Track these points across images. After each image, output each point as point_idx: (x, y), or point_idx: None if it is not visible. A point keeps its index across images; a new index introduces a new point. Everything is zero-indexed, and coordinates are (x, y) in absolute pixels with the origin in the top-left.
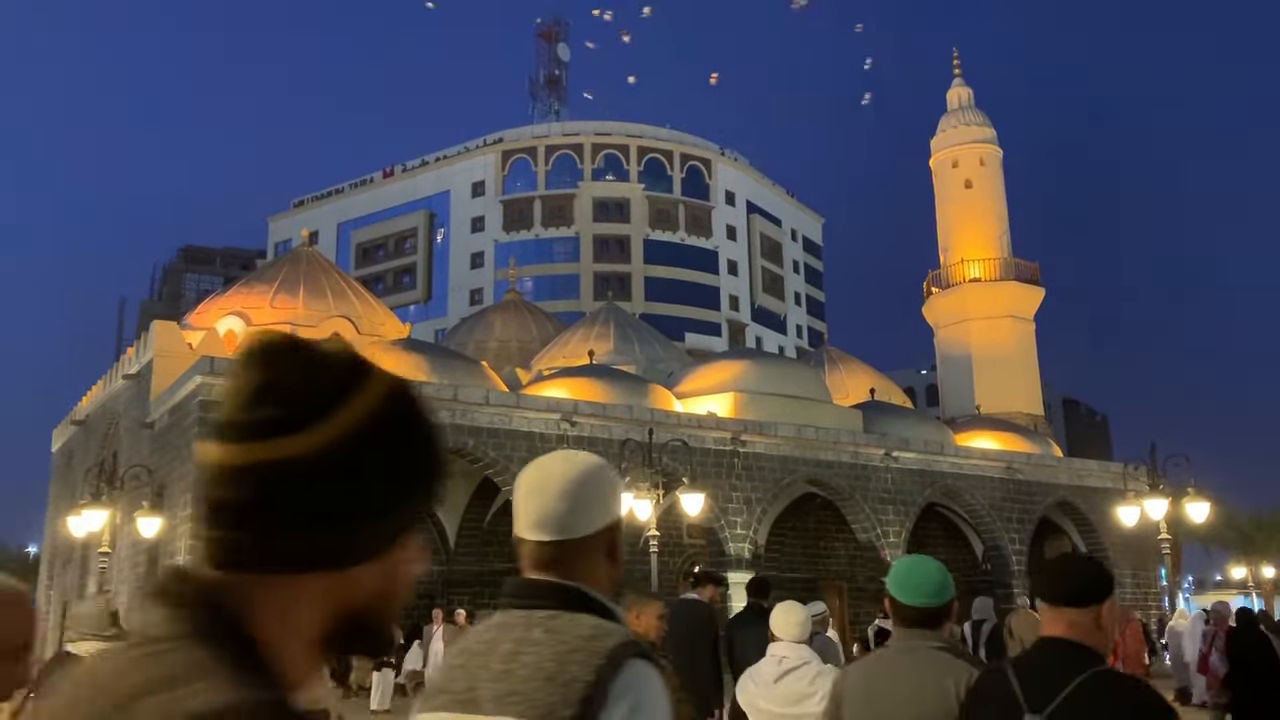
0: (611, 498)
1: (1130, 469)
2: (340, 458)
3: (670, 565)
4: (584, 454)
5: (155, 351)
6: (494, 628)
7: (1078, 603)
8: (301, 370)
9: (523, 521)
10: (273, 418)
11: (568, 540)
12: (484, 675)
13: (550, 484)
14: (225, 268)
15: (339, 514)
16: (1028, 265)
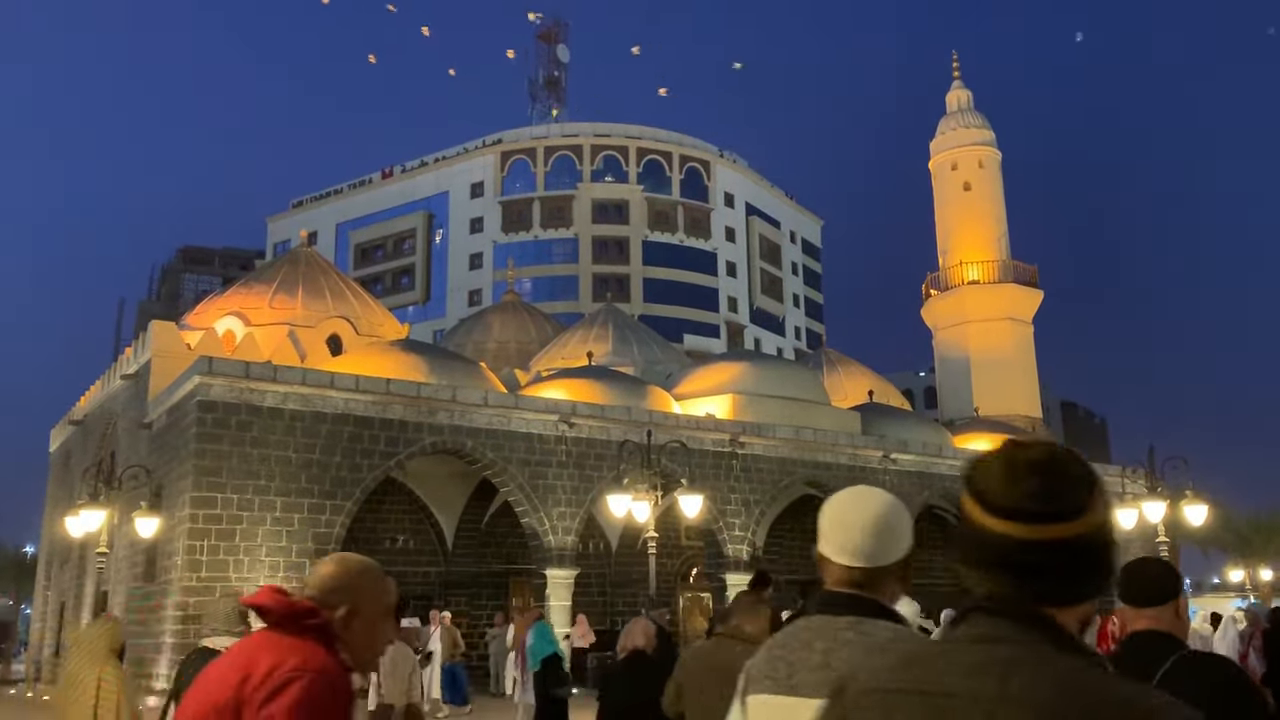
0: (906, 534)
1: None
2: (1093, 537)
3: (668, 567)
4: (884, 494)
5: (154, 352)
6: (808, 629)
7: (1158, 601)
8: (1069, 477)
9: (832, 547)
10: (1058, 510)
11: (872, 568)
12: (803, 665)
13: (860, 520)
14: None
15: (1088, 571)
16: (1026, 268)
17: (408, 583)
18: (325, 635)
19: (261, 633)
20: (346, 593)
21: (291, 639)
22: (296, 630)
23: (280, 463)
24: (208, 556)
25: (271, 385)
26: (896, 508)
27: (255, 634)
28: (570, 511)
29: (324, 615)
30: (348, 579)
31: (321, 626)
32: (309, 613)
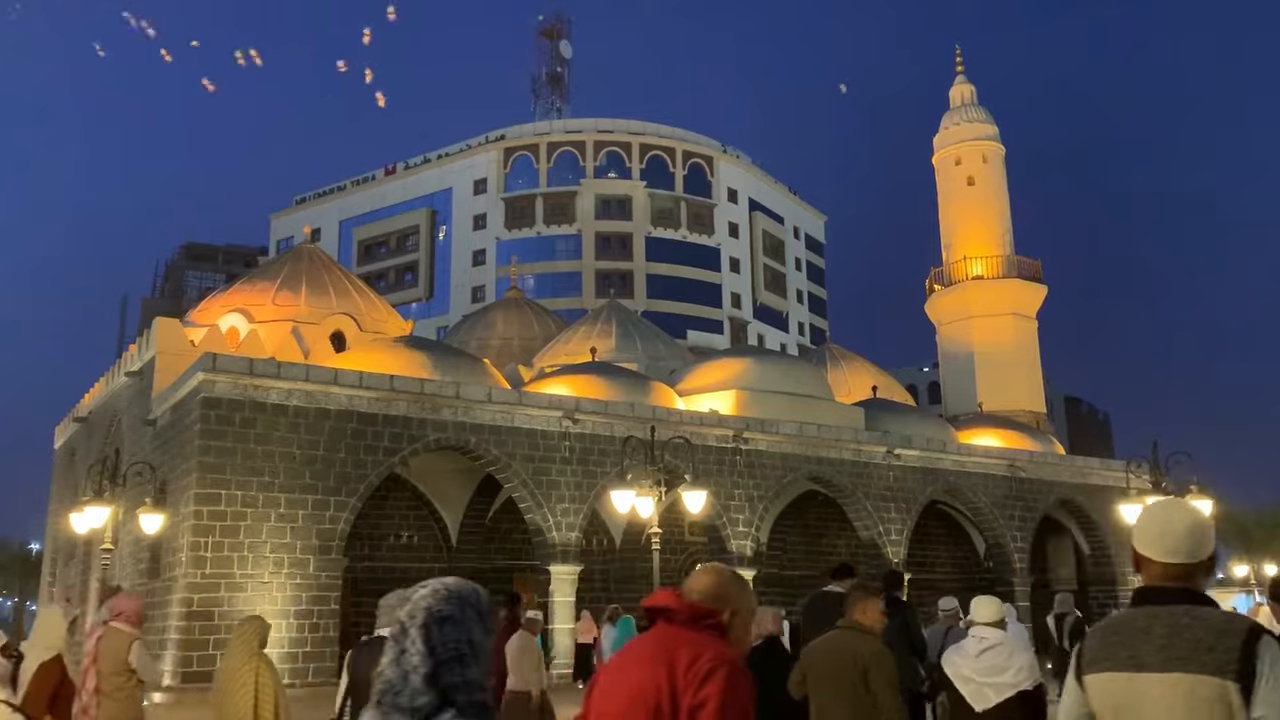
0: (1211, 535)
1: (1132, 466)
2: None
3: (672, 563)
4: (1193, 505)
5: (157, 349)
6: (1143, 615)
7: None
8: None
9: (1156, 548)
10: None
11: (1191, 563)
12: (1146, 646)
13: (1181, 524)
14: (227, 265)
15: None
16: (1030, 263)
17: (411, 579)
18: (720, 631)
19: (664, 629)
20: (727, 598)
21: (695, 634)
22: (697, 628)
23: (284, 459)
24: (212, 553)
25: (275, 382)
26: (1203, 514)
27: (656, 630)
28: (574, 507)
29: (719, 616)
30: (727, 587)
31: (717, 625)
32: (709, 614)
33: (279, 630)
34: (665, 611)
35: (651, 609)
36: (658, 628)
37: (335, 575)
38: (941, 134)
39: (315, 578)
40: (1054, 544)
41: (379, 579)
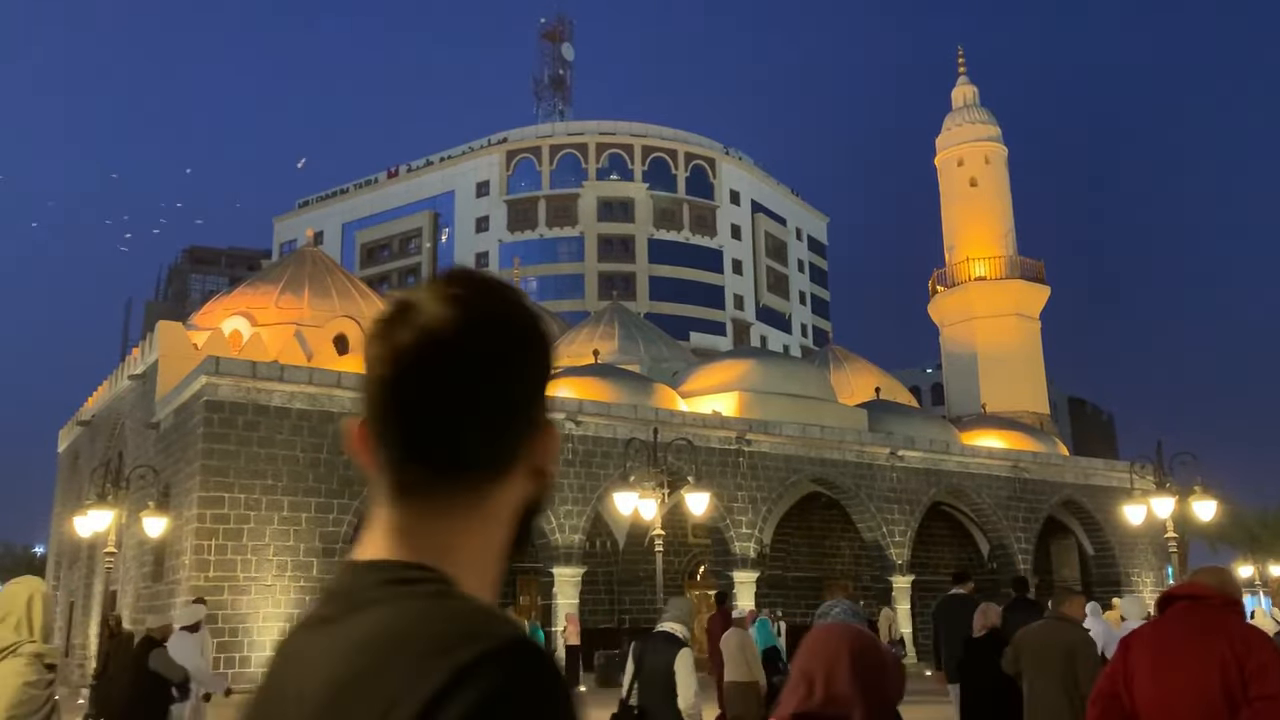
0: None
1: (1137, 467)
2: None
3: (675, 565)
4: None
5: (161, 352)
6: None
7: None
8: None
9: None
10: None
11: None
12: None
13: None
14: (230, 268)
15: None
16: (1033, 263)
17: None
18: (1239, 613)
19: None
20: (1235, 589)
21: (1226, 615)
22: (1226, 611)
23: (287, 462)
24: (215, 556)
25: (278, 385)
26: None
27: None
28: (577, 510)
29: (1239, 602)
30: (1233, 581)
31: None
32: (1234, 601)
33: (281, 633)
34: (1193, 598)
35: (1177, 596)
36: (1187, 611)
37: None
38: (944, 135)
39: (319, 580)
40: (1058, 545)
41: None
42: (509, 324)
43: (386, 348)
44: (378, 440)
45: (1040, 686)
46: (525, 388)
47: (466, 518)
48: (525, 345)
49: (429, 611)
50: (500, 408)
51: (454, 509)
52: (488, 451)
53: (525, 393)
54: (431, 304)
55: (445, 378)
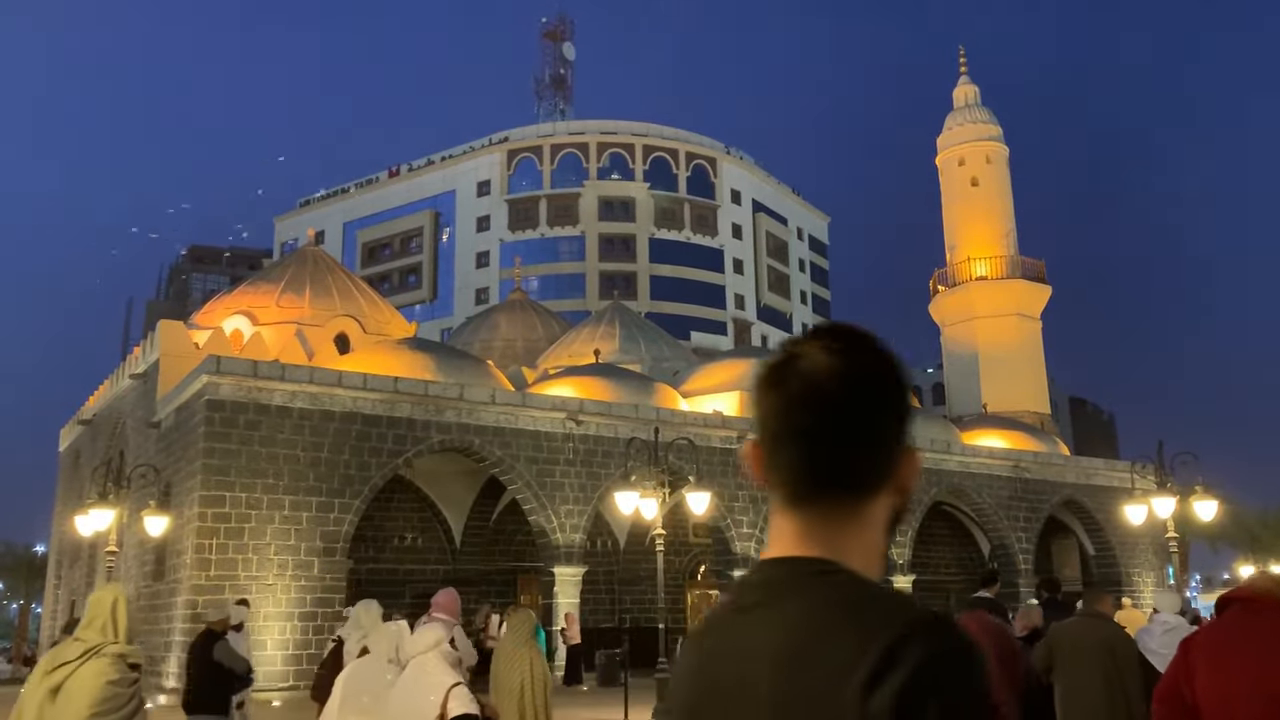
0: None
1: (1137, 467)
2: None
3: (676, 564)
4: None
5: (162, 351)
6: None
7: None
8: None
9: None
10: None
11: None
12: None
13: None
14: (232, 267)
15: None
16: (1034, 263)
17: (415, 581)
18: None
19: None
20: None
21: None
22: None
23: (288, 461)
24: (216, 555)
25: (279, 384)
26: None
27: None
28: (578, 509)
29: None
30: None
31: None
32: None
33: (282, 632)
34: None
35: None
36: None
37: (340, 577)
38: (945, 134)
39: (320, 580)
40: (1059, 545)
41: (383, 581)
42: (882, 371)
43: (784, 394)
44: (776, 464)
45: (1078, 682)
46: (894, 422)
47: (853, 524)
48: (894, 388)
49: (855, 593)
50: (877, 440)
51: (843, 518)
52: (869, 475)
53: (894, 426)
54: (820, 356)
55: (837, 418)
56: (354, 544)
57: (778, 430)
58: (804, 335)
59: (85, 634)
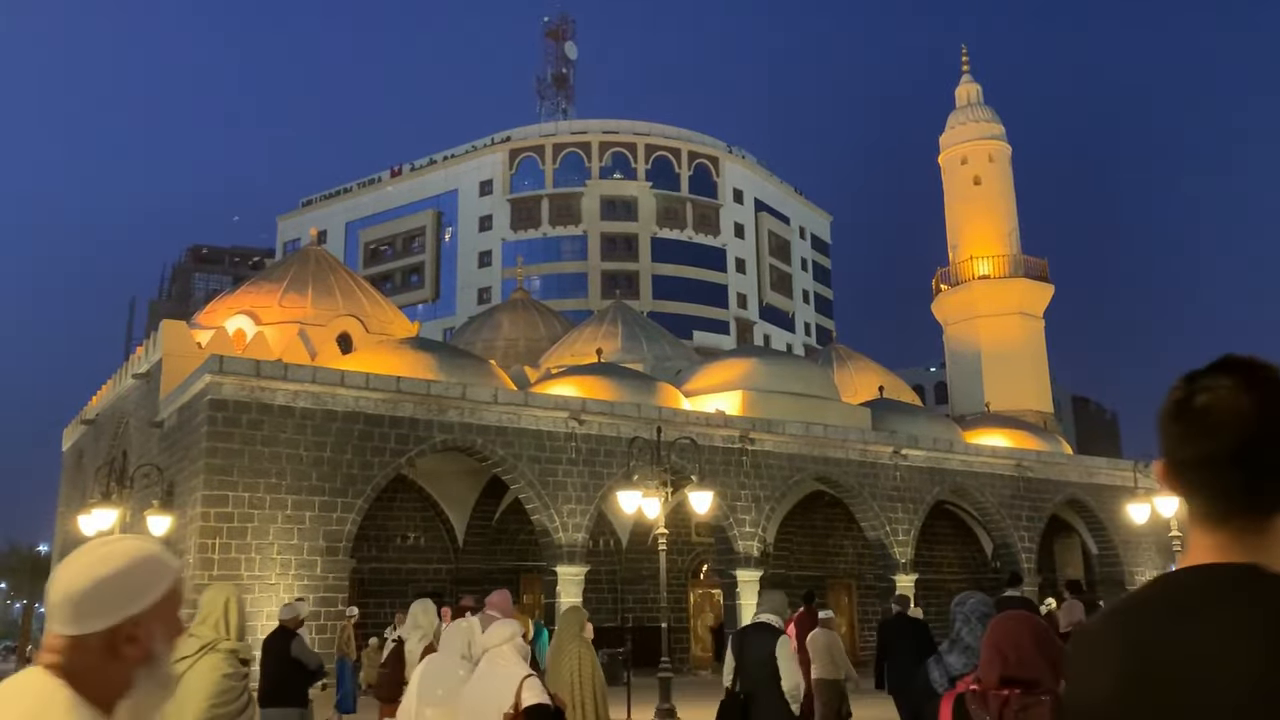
0: None
1: (1140, 466)
2: None
3: (679, 563)
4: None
5: (164, 351)
6: None
7: None
8: None
9: None
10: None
11: None
12: None
13: None
14: (234, 267)
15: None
16: (1037, 262)
17: (419, 580)
18: None
19: None
20: None
21: None
22: None
23: (291, 461)
24: (219, 555)
25: (282, 384)
26: None
27: None
28: (580, 508)
29: None
30: None
31: None
32: None
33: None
34: None
35: None
36: None
37: (342, 577)
38: (947, 133)
39: (323, 579)
40: (1061, 544)
41: (386, 580)
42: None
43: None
44: (1189, 488)
45: None
46: None
47: (1265, 539)
48: None
49: None
50: None
51: (1256, 534)
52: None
53: None
54: (1225, 388)
55: (1244, 447)
56: (357, 543)
57: (1188, 458)
58: (1207, 368)
59: (199, 630)
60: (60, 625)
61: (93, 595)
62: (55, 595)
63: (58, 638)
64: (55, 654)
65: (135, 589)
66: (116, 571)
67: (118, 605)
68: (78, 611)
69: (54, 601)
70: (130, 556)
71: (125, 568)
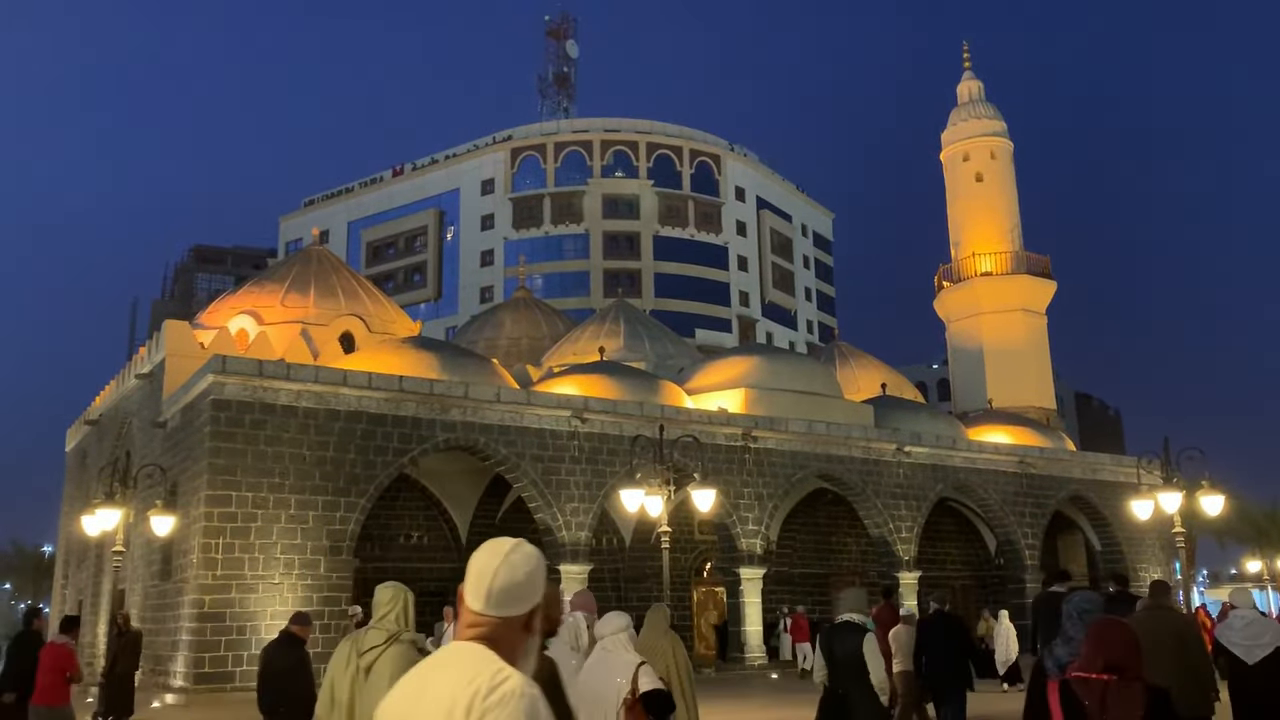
0: None
1: (1143, 462)
2: None
3: (682, 561)
4: None
5: (167, 351)
6: None
7: None
8: None
9: None
10: None
11: None
12: None
13: None
14: (236, 267)
15: None
16: (1039, 259)
17: (422, 579)
18: None
19: None
20: None
21: None
22: None
23: (294, 460)
24: (223, 554)
25: (285, 383)
26: None
27: None
28: (583, 507)
29: None
30: None
31: None
32: None
33: None
34: None
35: None
36: None
37: (346, 576)
38: (949, 130)
39: (326, 578)
40: (1065, 540)
41: (389, 579)
42: None
43: None
44: None
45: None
46: None
47: None
48: None
49: None
50: None
51: None
52: None
53: None
54: None
55: None
56: (360, 543)
57: None
58: None
59: (383, 624)
60: (493, 609)
61: (524, 589)
62: (495, 587)
63: (484, 617)
64: (479, 629)
65: (540, 585)
66: (532, 571)
67: (533, 596)
68: (512, 600)
69: (493, 592)
70: (537, 560)
71: (536, 568)
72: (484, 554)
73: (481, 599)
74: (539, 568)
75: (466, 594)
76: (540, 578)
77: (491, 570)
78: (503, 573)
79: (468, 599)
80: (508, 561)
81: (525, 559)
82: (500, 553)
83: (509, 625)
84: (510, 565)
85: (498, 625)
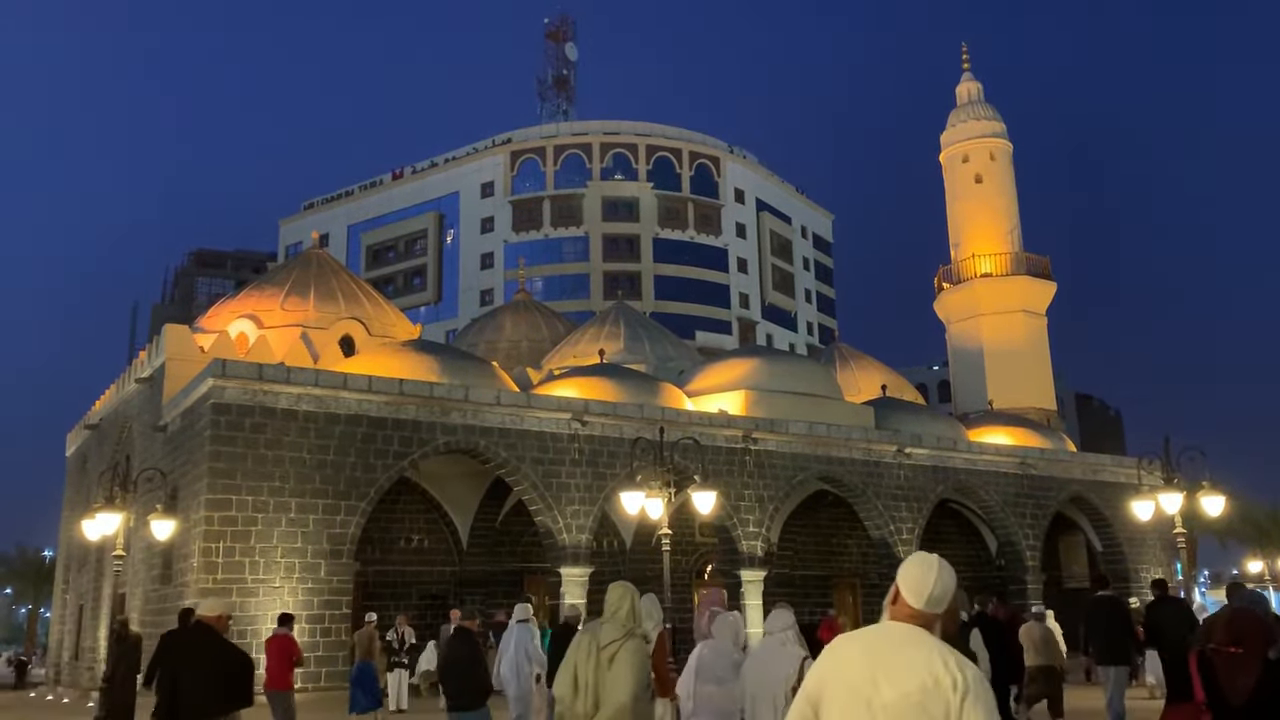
0: None
1: (1144, 463)
2: None
3: (683, 564)
4: None
5: (167, 355)
6: None
7: None
8: None
9: None
10: None
11: None
12: None
13: None
14: (236, 271)
15: None
16: (1039, 259)
17: (423, 582)
18: None
19: None
20: None
21: None
22: None
23: (294, 464)
24: (223, 558)
25: (285, 387)
26: None
27: None
28: (584, 509)
29: None
30: None
31: None
32: None
33: None
34: None
35: None
36: None
37: (346, 579)
38: (949, 131)
39: (327, 582)
40: (1066, 541)
41: (390, 583)
42: None
43: None
44: None
45: None
46: None
47: None
48: None
49: None
50: None
51: None
52: None
53: None
54: None
55: None
56: (360, 546)
57: None
58: None
59: (617, 619)
60: (929, 606)
61: (949, 594)
62: (934, 593)
63: (921, 612)
64: (918, 619)
65: (953, 592)
66: (952, 582)
67: (950, 600)
68: (938, 602)
69: (932, 595)
70: (953, 573)
71: (954, 580)
72: (919, 567)
73: (923, 599)
74: (955, 580)
75: (907, 594)
76: (955, 588)
77: (931, 580)
78: (938, 582)
79: (909, 599)
80: (940, 575)
81: (951, 574)
82: (934, 567)
83: (940, 616)
84: (943, 579)
85: (930, 618)
